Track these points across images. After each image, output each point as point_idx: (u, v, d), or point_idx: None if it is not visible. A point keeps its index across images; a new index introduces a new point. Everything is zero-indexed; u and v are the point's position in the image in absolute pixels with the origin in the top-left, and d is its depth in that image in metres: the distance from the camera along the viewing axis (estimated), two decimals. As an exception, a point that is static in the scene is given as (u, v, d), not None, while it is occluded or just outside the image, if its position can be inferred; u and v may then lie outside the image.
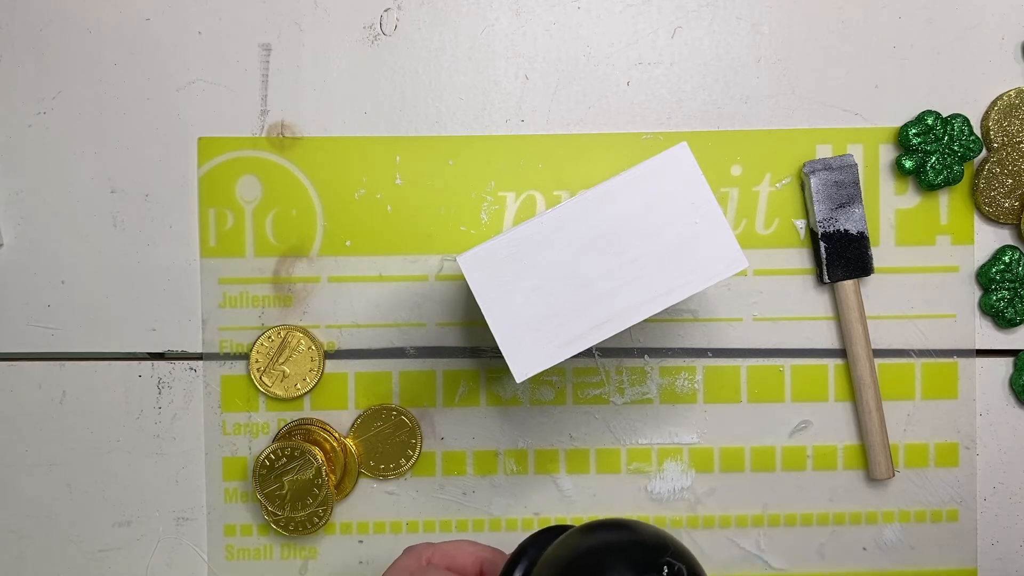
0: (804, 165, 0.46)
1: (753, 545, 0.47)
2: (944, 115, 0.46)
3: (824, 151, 0.46)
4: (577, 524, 0.33)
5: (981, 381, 0.47)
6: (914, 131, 0.45)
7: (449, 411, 0.47)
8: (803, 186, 0.46)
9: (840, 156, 0.46)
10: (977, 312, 0.47)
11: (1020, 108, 0.46)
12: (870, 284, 0.46)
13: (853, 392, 0.46)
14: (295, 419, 0.46)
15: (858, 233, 0.46)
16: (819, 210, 0.45)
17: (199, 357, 0.46)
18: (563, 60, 0.46)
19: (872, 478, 0.46)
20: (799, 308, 0.47)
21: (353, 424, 0.46)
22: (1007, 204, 0.46)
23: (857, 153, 0.46)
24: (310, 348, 0.46)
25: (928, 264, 0.47)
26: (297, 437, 0.45)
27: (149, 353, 0.46)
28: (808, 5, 0.46)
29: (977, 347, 0.47)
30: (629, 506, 0.46)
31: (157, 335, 0.46)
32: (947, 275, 0.47)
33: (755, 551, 0.46)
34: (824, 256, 0.45)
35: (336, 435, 0.46)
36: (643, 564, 0.29)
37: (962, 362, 0.47)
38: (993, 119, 0.46)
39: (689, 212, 0.35)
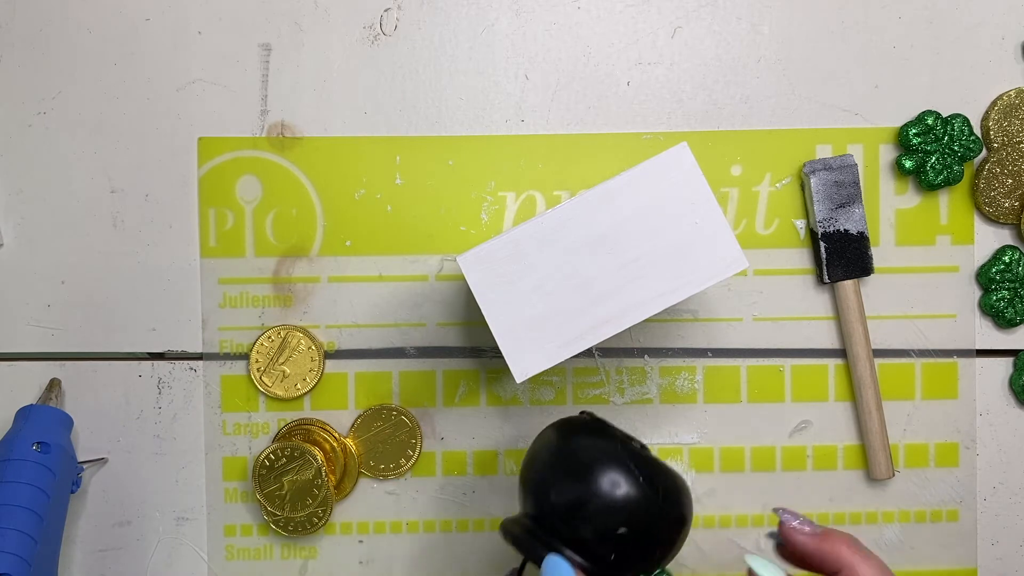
0: (804, 165, 0.46)
1: (753, 545, 0.47)
2: (944, 115, 0.46)
3: (824, 151, 0.46)
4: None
5: (981, 381, 0.47)
6: (914, 131, 0.45)
7: (449, 411, 0.47)
8: (803, 186, 0.46)
9: (840, 156, 0.46)
10: (977, 312, 0.47)
11: (1020, 108, 0.46)
12: (870, 284, 0.46)
13: (853, 392, 0.46)
14: (295, 419, 0.46)
15: (858, 233, 0.46)
16: (819, 210, 0.45)
17: (199, 357, 0.46)
18: (563, 60, 0.46)
19: (872, 478, 0.46)
20: (799, 308, 0.47)
21: (353, 424, 0.46)
22: (1007, 204, 0.46)
23: (857, 153, 0.46)
24: (310, 348, 0.46)
25: (928, 264, 0.47)
26: (297, 437, 0.45)
27: (149, 353, 0.46)
28: (808, 5, 0.46)
29: (977, 347, 0.47)
30: (629, 506, 0.46)
31: (157, 335, 0.46)
32: (947, 275, 0.47)
33: (755, 551, 0.46)
34: (824, 256, 0.45)
35: (336, 435, 0.46)
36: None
37: (962, 362, 0.47)
38: (993, 119, 0.46)
39: (689, 212, 0.35)
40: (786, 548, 0.34)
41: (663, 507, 0.34)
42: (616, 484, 0.33)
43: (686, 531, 0.35)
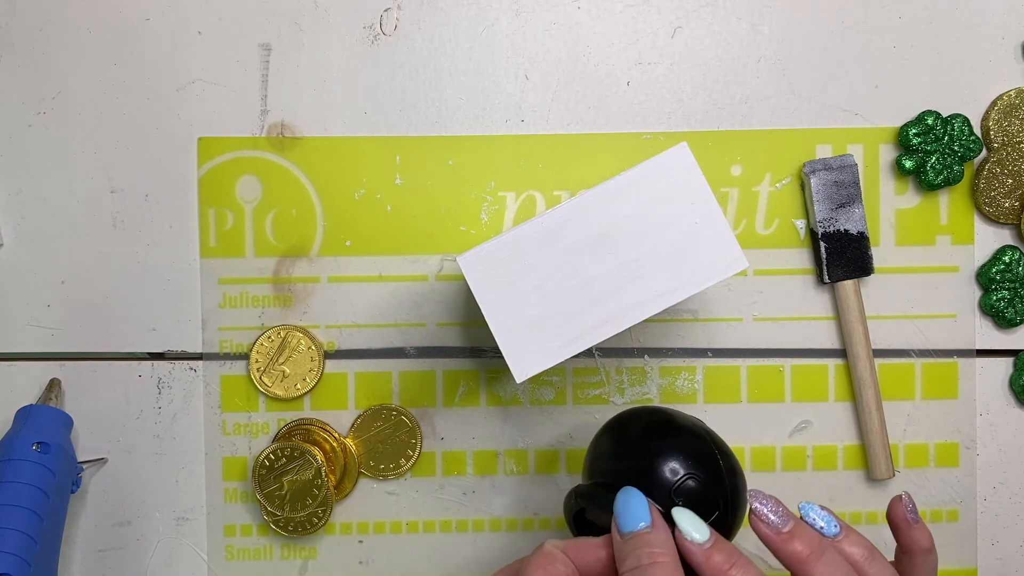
0: (804, 165, 0.46)
1: (753, 545, 0.46)
2: (944, 115, 0.45)
3: (824, 151, 0.46)
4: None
5: (981, 381, 0.47)
6: (914, 131, 0.45)
7: (449, 411, 0.47)
8: (803, 186, 0.46)
9: (840, 156, 0.46)
10: (977, 312, 0.47)
11: (1020, 108, 0.46)
12: (870, 284, 0.46)
13: (853, 392, 0.46)
14: (295, 419, 0.46)
15: (858, 233, 0.46)
16: (819, 210, 0.45)
17: (199, 357, 0.46)
18: (563, 60, 0.46)
19: (872, 478, 0.46)
20: (799, 308, 0.47)
21: (353, 424, 0.46)
22: (1007, 204, 0.46)
23: (857, 153, 0.46)
24: (310, 348, 0.46)
25: (928, 264, 0.47)
26: (297, 437, 0.45)
27: (149, 353, 0.46)
28: (808, 5, 0.46)
29: (977, 347, 0.47)
30: (629, 506, 0.46)
31: (157, 335, 0.46)
32: (947, 275, 0.47)
33: (755, 551, 0.46)
34: (824, 256, 0.45)
35: (336, 435, 0.46)
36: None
37: (962, 362, 0.47)
38: (993, 119, 0.46)
39: (689, 212, 0.35)
40: None
41: (723, 460, 0.35)
42: (684, 438, 0.36)
43: (744, 495, 0.36)
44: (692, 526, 0.32)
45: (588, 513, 0.36)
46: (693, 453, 0.35)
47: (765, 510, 0.33)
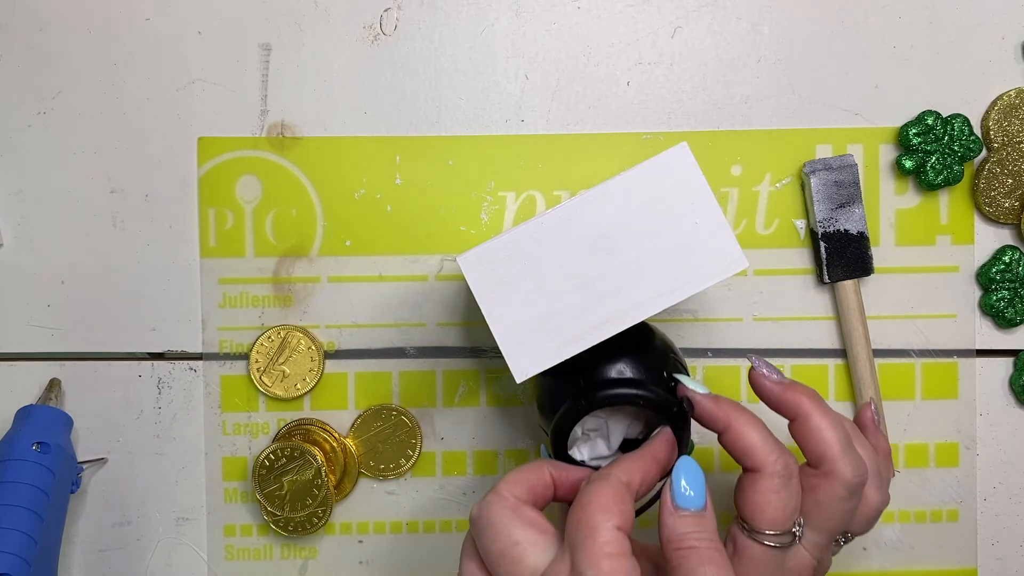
0: (804, 165, 0.46)
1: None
2: (944, 115, 0.46)
3: (824, 151, 0.46)
4: None
5: (981, 381, 0.47)
6: (914, 131, 0.45)
7: (449, 411, 0.47)
8: (803, 186, 0.46)
9: (840, 156, 0.46)
10: (977, 312, 0.47)
11: (1020, 108, 0.46)
12: (870, 284, 0.46)
13: (853, 392, 0.46)
14: (295, 419, 0.46)
15: (858, 233, 0.46)
16: (819, 210, 0.45)
17: (199, 357, 0.46)
18: (563, 60, 0.46)
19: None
20: (799, 308, 0.47)
21: (353, 424, 0.46)
22: (1007, 204, 0.46)
23: (857, 153, 0.46)
24: (310, 348, 0.46)
25: (928, 264, 0.47)
26: (297, 437, 0.45)
27: (149, 353, 0.46)
28: (808, 5, 0.46)
29: (977, 347, 0.47)
30: (629, 506, 0.46)
31: (157, 335, 0.46)
32: (947, 275, 0.47)
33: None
34: (824, 256, 0.45)
35: (336, 435, 0.46)
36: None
37: (962, 362, 0.47)
38: (993, 119, 0.46)
39: (689, 212, 0.35)
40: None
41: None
42: (652, 333, 0.38)
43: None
44: (696, 385, 0.36)
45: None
46: (662, 345, 0.38)
47: (764, 367, 0.37)
